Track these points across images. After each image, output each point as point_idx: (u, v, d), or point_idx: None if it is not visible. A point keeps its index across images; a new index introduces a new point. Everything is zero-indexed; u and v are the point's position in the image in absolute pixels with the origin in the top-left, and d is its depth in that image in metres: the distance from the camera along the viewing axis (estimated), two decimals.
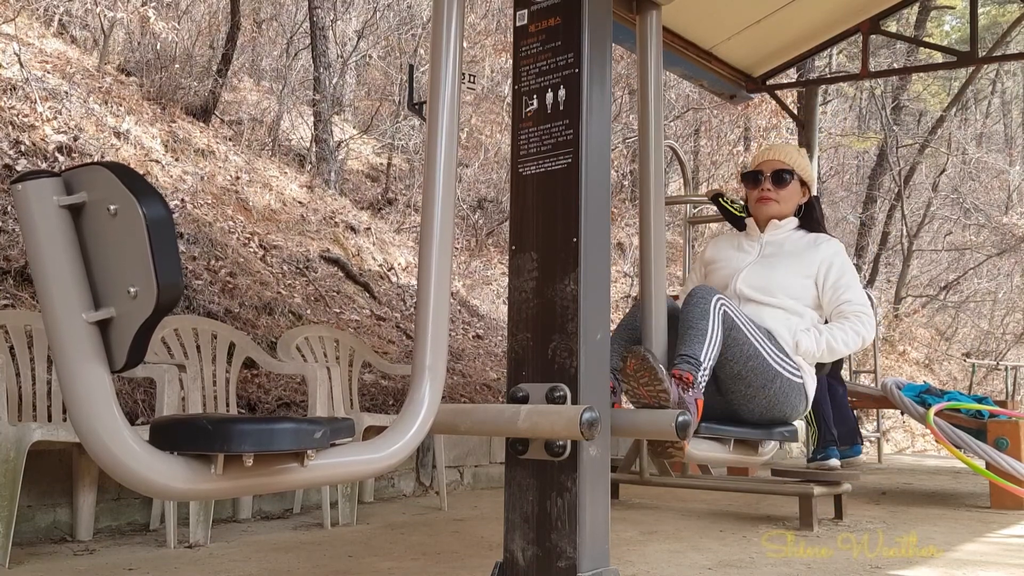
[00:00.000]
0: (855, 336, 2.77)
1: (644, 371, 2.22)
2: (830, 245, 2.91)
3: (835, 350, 2.76)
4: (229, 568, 2.65)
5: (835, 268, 2.84)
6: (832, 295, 2.83)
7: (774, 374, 2.62)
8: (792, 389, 2.66)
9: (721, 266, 2.99)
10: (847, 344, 2.76)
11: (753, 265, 2.90)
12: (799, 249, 2.92)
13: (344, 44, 11.46)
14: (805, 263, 2.86)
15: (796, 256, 2.89)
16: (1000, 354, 15.75)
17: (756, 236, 3.01)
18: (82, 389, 1.16)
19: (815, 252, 2.88)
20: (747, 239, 3.04)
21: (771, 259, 2.90)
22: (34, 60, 6.12)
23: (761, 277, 2.84)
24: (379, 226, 8.26)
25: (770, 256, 2.92)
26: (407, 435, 1.58)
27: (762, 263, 2.90)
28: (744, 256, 2.96)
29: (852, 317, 2.79)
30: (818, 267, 2.85)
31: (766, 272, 2.85)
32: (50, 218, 1.17)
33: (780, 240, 2.97)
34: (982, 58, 5.85)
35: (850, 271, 2.88)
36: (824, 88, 14.02)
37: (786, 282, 2.81)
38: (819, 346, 2.73)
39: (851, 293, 2.82)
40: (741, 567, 2.72)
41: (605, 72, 2.09)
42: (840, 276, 2.83)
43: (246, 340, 3.80)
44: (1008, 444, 4.07)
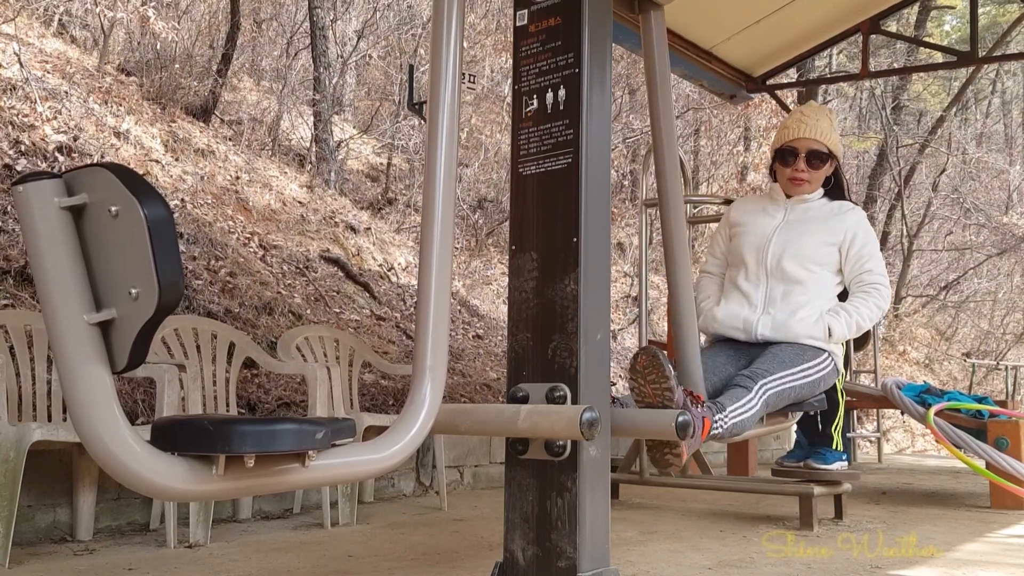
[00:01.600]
0: (876, 310, 2.92)
1: (653, 368, 2.24)
2: (854, 213, 3.02)
3: (862, 327, 2.93)
4: (229, 568, 2.65)
5: (860, 237, 2.96)
6: (855, 263, 2.95)
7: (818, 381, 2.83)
8: (829, 374, 2.88)
9: (748, 230, 3.06)
10: (871, 319, 2.93)
11: (780, 231, 2.98)
12: (824, 216, 3.01)
13: (344, 44, 11.46)
14: (831, 230, 2.97)
15: (821, 223, 2.99)
16: (1000, 354, 15.75)
17: (781, 200, 3.07)
18: (83, 390, 1.17)
19: (840, 220, 2.98)
20: (771, 203, 3.09)
21: (797, 225, 3.00)
22: (34, 60, 6.12)
23: (790, 245, 2.94)
24: (379, 226, 8.26)
25: (795, 222, 3.01)
26: (408, 435, 1.58)
27: (789, 228, 2.99)
28: (770, 220, 3.04)
29: (871, 289, 2.93)
30: (844, 235, 2.96)
31: (793, 240, 2.95)
32: (51, 220, 1.17)
33: (805, 206, 3.06)
34: (982, 58, 5.84)
35: (873, 240, 3.01)
36: (824, 88, 14.06)
37: (813, 250, 2.93)
38: (850, 330, 2.89)
39: (872, 263, 2.95)
40: (741, 567, 2.72)
41: (605, 72, 2.09)
42: (864, 245, 2.96)
43: (246, 340, 3.80)
44: (1008, 444, 4.07)
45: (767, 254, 2.94)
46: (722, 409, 2.48)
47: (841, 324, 2.86)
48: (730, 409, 2.50)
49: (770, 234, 2.98)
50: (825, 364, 2.86)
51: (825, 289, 2.95)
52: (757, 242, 2.99)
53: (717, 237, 3.25)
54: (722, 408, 2.49)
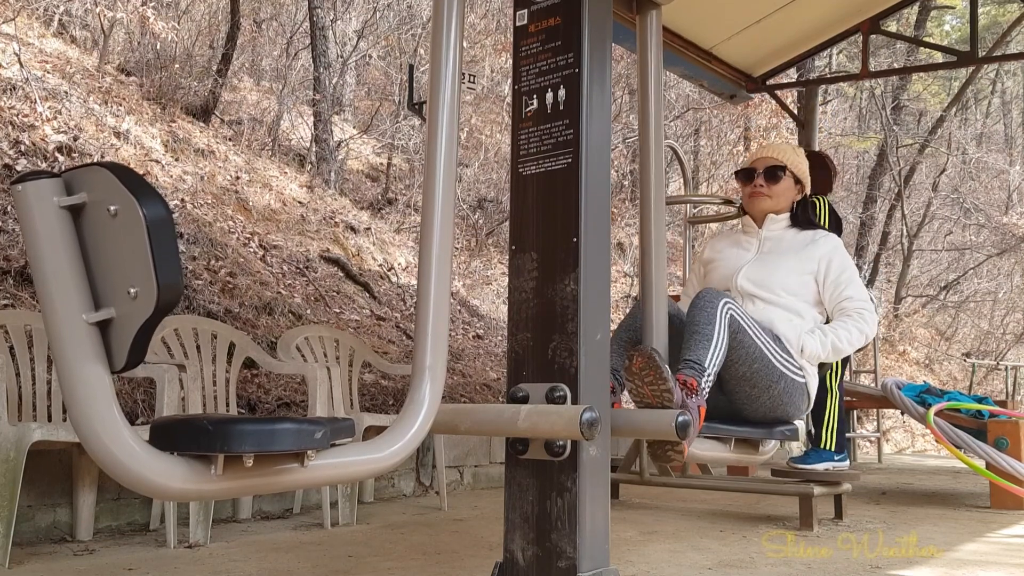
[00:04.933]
0: (858, 334, 2.80)
1: (650, 370, 2.23)
2: (828, 241, 2.94)
3: (840, 350, 2.80)
4: (229, 568, 2.65)
5: (835, 265, 2.87)
6: (833, 292, 2.86)
7: (779, 375, 2.64)
8: (795, 389, 2.70)
9: (720, 264, 3.01)
10: (851, 343, 2.80)
11: (753, 262, 2.92)
12: (797, 246, 2.94)
13: (344, 44, 11.46)
14: (804, 260, 2.89)
15: (795, 253, 2.92)
16: (1000, 354, 15.75)
17: (754, 232, 3.03)
18: (82, 390, 1.16)
19: (813, 249, 2.91)
20: (745, 236, 3.06)
21: (770, 256, 2.93)
22: (34, 60, 6.12)
23: (762, 274, 2.87)
24: (379, 226, 8.26)
25: (769, 253, 2.95)
26: (407, 435, 1.58)
27: (762, 260, 2.93)
28: (743, 253, 2.98)
29: (854, 314, 2.82)
30: (817, 264, 2.88)
31: (767, 269, 2.88)
32: (50, 219, 1.17)
33: (778, 236, 3.00)
34: (982, 58, 5.84)
35: (850, 267, 2.91)
36: (824, 88, 14.01)
37: (786, 280, 2.84)
38: (824, 348, 2.76)
39: (852, 289, 2.85)
40: (741, 567, 2.72)
41: (605, 72, 2.09)
42: (840, 272, 2.87)
43: (246, 340, 3.80)
44: (1008, 444, 4.07)
45: (737, 280, 2.87)
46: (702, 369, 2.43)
47: (815, 341, 2.74)
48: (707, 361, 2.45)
49: (742, 265, 2.92)
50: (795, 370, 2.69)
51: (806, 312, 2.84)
52: (728, 272, 2.93)
53: (691, 276, 3.22)
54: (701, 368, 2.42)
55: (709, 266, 3.07)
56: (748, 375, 2.60)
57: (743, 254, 2.98)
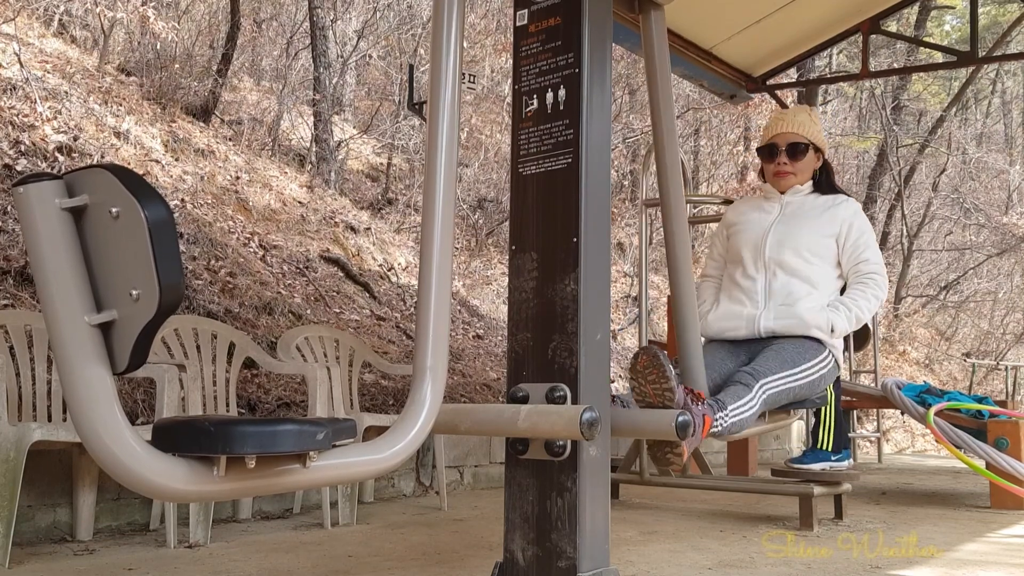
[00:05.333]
0: (875, 300, 2.97)
1: (653, 369, 2.24)
2: (849, 205, 3.07)
3: (862, 320, 2.96)
4: (229, 568, 2.65)
5: (855, 228, 3.01)
6: (852, 253, 3.00)
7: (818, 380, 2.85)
8: (830, 372, 2.91)
9: (744, 228, 3.11)
10: (870, 310, 2.97)
11: (777, 225, 3.03)
12: (819, 209, 3.06)
13: (344, 44, 11.46)
14: (826, 222, 3.02)
15: (817, 216, 3.04)
16: (1000, 354, 15.74)
17: (776, 197, 3.12)
18: (84, 391, 1.17)
19: (836, 212, 3.03)
20: (767, 200, 3.15)
21: (793, 219, 3.05)
22: (34, 60, 6.12)
23: (787, 237, 2.99)
24: (379, 226, 8.26)
25: (791, 216, 3.06)
26: (408, 436, 1.58)
27: (785, 223, 3.04)
28: (766, 216, 3.08)
29: (868, 280, 2.97)
30: (840, 226, 3.01)
31: (791, 232, 3.01)
32: (51, 221, 1.17)
33: (799, 200, 3.10)
34: (982, 58, 5.84)
35: (868, 231, 3.06)
36: (824, 88, 14.05)
37: (811, 241, 2.98)
38: (850, 323, 2.92)
39: (869, 252, 3.01)
40: (741, 567, 2.72)
41: (605, 72, 2.09)
42: (860, 235, 3.01)
43: (246, 340, 3.80)
44: (1008, 444, 4.07)
45: (764, 247, 2.98)
46: (723, 407, 2.49)
47: (842, 319, 2.89)
48: (731, 408, 2.51)
49: (767, 228, 3.03)
50: (826, 362, 2.88)
51: (825, 280, 2.99)
52: (754, 238, 3.03)
53: (715, 240, 3.28)
54: (723, 406, 2.50)
55: (732, 229, 3.16)
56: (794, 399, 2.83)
57: (765, 217, 3.08)
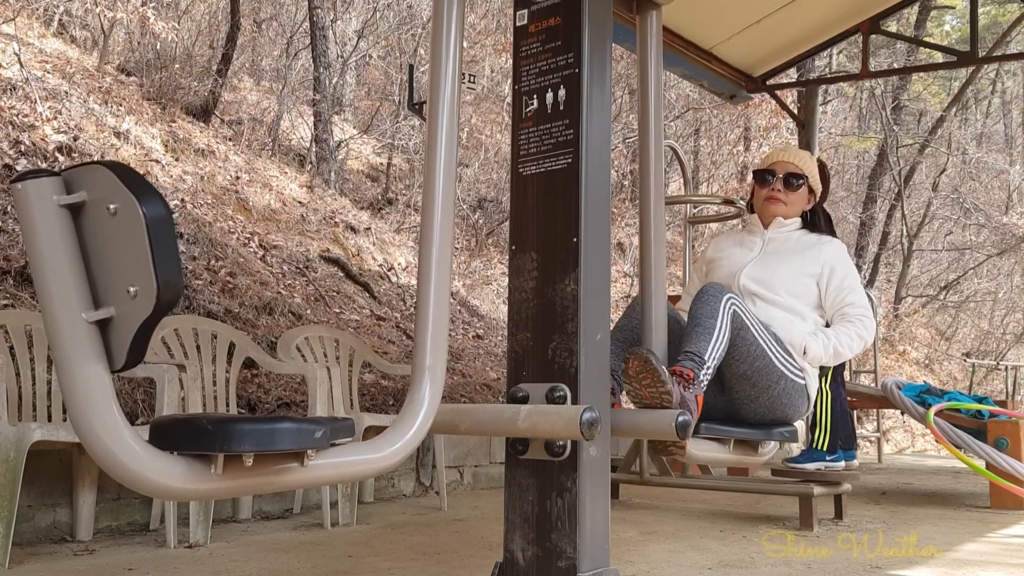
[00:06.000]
0: (858, 340, 2.82)
1: (646, 373, 2.22)
2: (832, 246, 2.94)
3: (841, 355, 2.81)
4: (229, 568, 2.65)
5: (839, 271, 2.88)
6: (836, 297, 2.87)
7: (779, 375, 2.64)
8: (795, 390, 2.69)
9: (723, 263, 3.00)
10: (851, 349, 2.81)
11: (756, 261, 2.92)
12: (802, 248, 2.95)
13: (344, 44, 11.46)
14: (808, 262, 2.89)
15: (799, 254, 2.92)
16: (1000, 354, 15.75)
17: (759, 232, 3.03)
18: (82, 389, 1.16)
19: (818, 252, 2.91)
20: (749, 235, 3.06)
21: (774, 256, 2.93)
22: (34, 60, 6.12)
23: (764, 273, 2.87)
24: (379, 226, 8.26)
25: (773, 253, 2.94)
26: (407, 435, 1.58)
27: (765, 259, 2.93)
28: (747, 252, 2.98)
29: (855, 320, 2.84)
30: (821, 268, 2.88)
31: (769, 268, 2.88)
32: (50, 217, 1.17)
33: (783, 237, 3.00)
34: (982, 58, 5.84)
35: (852, 273, 2.92)
36: (824, 88, 14.00)
37: (789, 280, 2.85)
38: (826, 352, 2.77)
39: (854, 295, 2.87)
40: (741, 567, 2.72)
41: (605, 72, 2.09)
42: (844, 279, 2.87)
43: (246, 340, 3.80)
44: (1008, 444, 4.07)
45: (739, 279, 2.86)
46: (701, 361, 2.42)
47: (818, 345, 2.74)
48: (707, 355, 2.44)
49: (745, 263, 2.91)
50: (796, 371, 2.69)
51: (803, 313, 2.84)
52: (730, 271, 2.92)
53: (694, 275, 3.20)
54: (701, 360, 2.42)
55: (711, 264, 3.06)
56: (749, 373, 2.60)
57: (746, 253, 2.98)
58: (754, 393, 2.63)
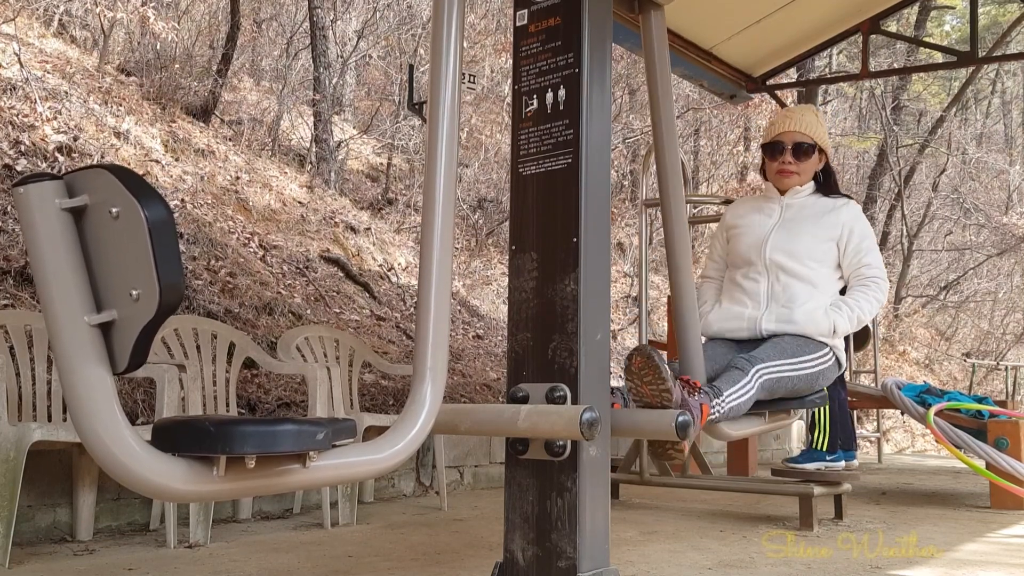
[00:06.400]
0: (876, 303, 2.95)
1: (648, 370, 2.23)
2: (849, 208, 3.04)
3: (863, 321, 2.94)
4: (229, 568, 2.65)
5: (856, 232, 2.98)
6: (853, 258, 2.98)
7: (817, 374, 2.82)
8: (829, 369, 2.87)
9: (744, 231, 3.07)
10: (870, 312, 2.94)
11: (778, 230, 3.00)
12: (819, 212, 3.02)
13: (344, 44, 11.46)
14: (827, 226, 2.98)
15: (817, 220, 3.00)
16: (1000, 354, 15.75)
17: (776, 198, 3.09)
18: (84, 391, 1.17)
19: (836, 215, 3.00)
20: (767, 201, 3.12)
21: (793, 223, 3.01)
22: (34, 60, 6.12)
23: (789, 242, 2.96)
24: (379, 226, 8.26)
25: (791, 220, 3.02)
26: (408, 436, 1.58)
27: (785, 227, 3.01)
28: (766, 219, 3.05)
29: (870, 283, 2.95)
30: (840, 230, 2.98)
31: (791, 237, 2.97)
32: (52, 221, 1.17)
33: (800, 203, 3.06)
34: (982, 58, 5.84)
35: (869, 235, 3.03)
36: (824, 88, 14.05)
37: (812, 247, 2.95)
38: (851, 323, 2.90)
39: (870, 256, 2.98)
40: (741, 567, 2.72)
41: (605, 72, 2.09)
42: (861, 240, 2.98)
43: (246, 340, 3.80)
44: (1008, 444, 4.07)
45: (765, 252, 2.96)
46: (719, 394, 2.47)
47: (843, 319, 2.88)
48: (727, 393, 2.49)
49: (767, 233, 3.00)
50: (826, 358, 2.86)
51: (826, 282, 2.96)
52: (755, 241, 3.01)
53: (715, 241, 3.26)
54: (719, 392, 2.47)
55: (732, 232, 3.13)
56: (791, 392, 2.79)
57: (766, 220, 3.04)
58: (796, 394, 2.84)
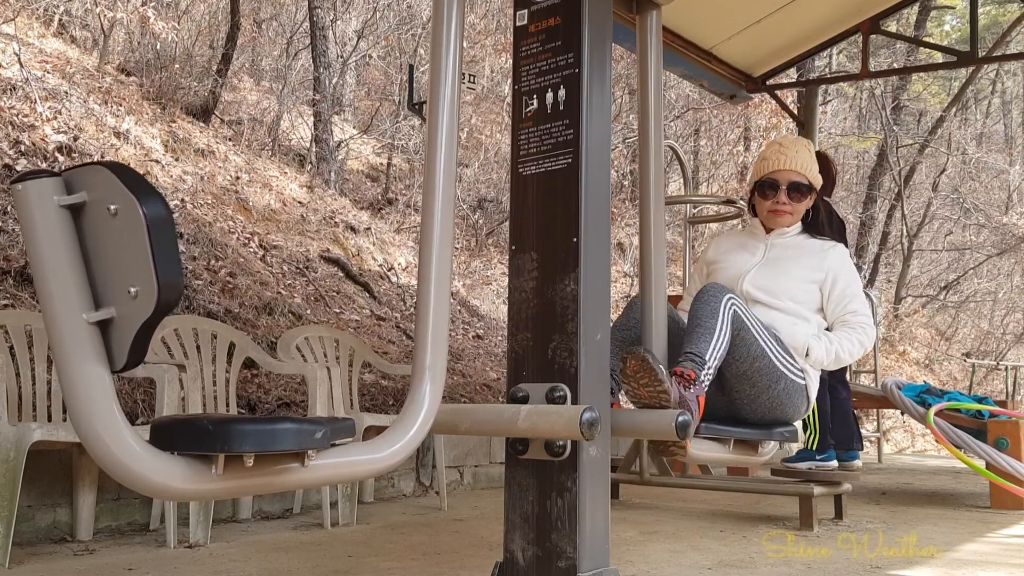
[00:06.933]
0: (859, 347, 2.83)
1: (644, 372, 2.22)
2: (836, 252, 2.93)
3: (841, 360, 2.82)
4: (229, 568, 2.65)
5: (842, 278, 2.88)
6: (838, 304, 2.87)
7: (779, 375, 2.64)
8: (795, 390, 2.69)
9: (725, 266, 2.98)
10: (852, 354, 2.83)
11: (760, 267, 2.90)
12: (805, 254, 2.92)
13: (344, 44, 11.46)
14: (811, 269, 2.88)
15: (802, 261, 2.90)
16: (1000, 354, 15.75)
17: (761, 236, 3.00)
18: (82, 389, 1.16)
19: (821, 259, 2.89)
20: (751, 238, 3.02)
21: (777, 262, 2.91)
22: (34, 60, 6.12)
23: (768, 279, 2.85)
24: (379, 226, 8.26)
25: (776, 259, 2.92)
26: (407, 435, 1.58)
27: (768, 265, 2.90)
28: (749, 257, 2.95)
29: (856, 326, 2.84)
30: (825, 275, 2.87)
31: (772, 274, 2.87)
32: (50, 218, 1.17)
33: (785, 243, 2.97)
34: (982, 58, 5.84)
35: (855, 280, 2.92)
36: (824, 88, 14.00)
37: (792, 286, 2.84)
38: (828, 356, 2.78)
39: (856, 303, 2.87)
40: (741, 567, 2.72)
41: (605, 72, 2.09)
42: (847, 286, 2.87)
43: (246, 340, 3.80)
44: (1008, 444, 4.07)
45: (742, 284, 2.85)
46: (702, 361, 2.42)
47: (821, 347, 2.76)
48: (708, 354, 2.44)
49: (748, 268, 2.89)
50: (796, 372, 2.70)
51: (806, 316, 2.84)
52: (733, 275, 2.89)
53: (695, 276, 3.17)
54: (701, 360, 2.42)
55: (713, 267, 3.04)
56: (749, 373, 2.60)
57: (748, 258, 2.95)
58: (754, 393, 2.63)
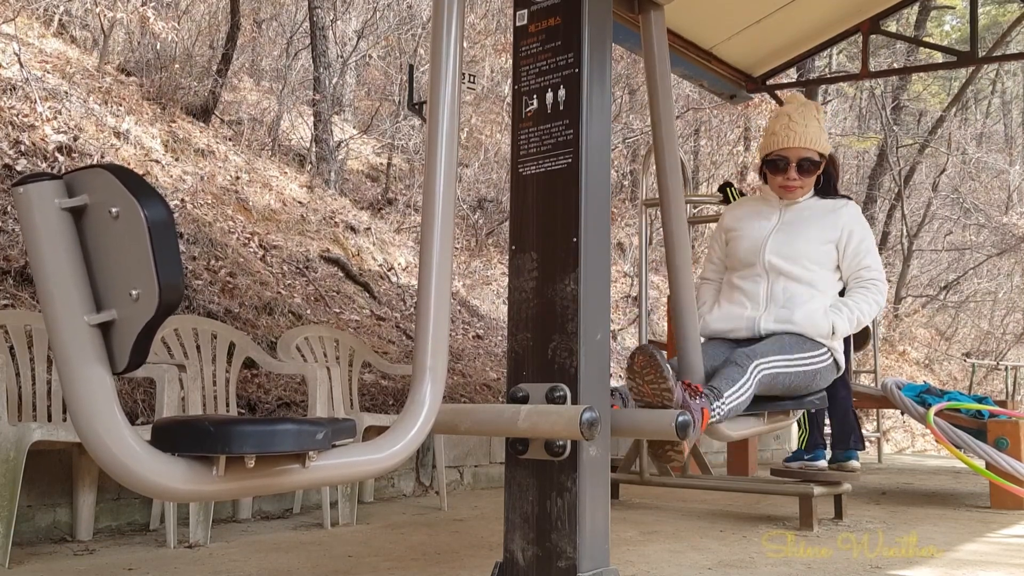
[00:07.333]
0: (876, 305, 2.95)
1: (650, 369, 2.24)
2: (848, 209, 3.03)
3: (862, 323, 2.94)
4: (229, 568, 2.65)
5: (856, 234, 2.98)
6: (852, 260, 2.97)
7: (814, 373, 2.81)
8: (826, 369, 2.86)
9: (742, 234, 3.06)
10: (870, 314, 2.94)
11: (776, 233, 2.98)
12: (819, 215, 3.01)
13: (344, 44, 11.46)
14: (826, 228, 2.97)
15: (816, 222, 2.99)
16: (1000, 354, 15.75)
17: (775, 202, 3.08)
18: (84, 391, 1.17)
19: (835, 217, 2.99)
20: (766, 205, 3.10)
21: (792, 226, 3.00)
22: (34, 60, 6.12)
23: (785, 244, 2.95)
24: (379, 226, 8.26)
25: (791, 223, 3.01)
26: (408, 435, 1.58)
27: (784, 230, 2.99)
28: (764, 223, 3.04)
29: (869, 285, 2.95)
30: (840, 232, 2.97)
31: (789, 239, 2.96)
32: (51, 221, 1.17)
33: (799, 206, 3.05)
34: (982, 58, 5.84)
35: (868, 236, 3.02)
36: (824, 88, 14.04)
37: (810, 249, 2.94)
38: (851, 325, 2.90)
39: (869, 258, 2.98)
40: (741, 567, 2.72)
41: (605, 72, 2.09)
42: (860, 242, 2.98)
43: (246, 340, 3.80)
44: (1008, 444, 4.07)
45: (764, 255, 2.94)
46: (719, 395, 2.46)
47: (843, 320, 2.87)
48: (726, 394, 2.48)
49: (766, 236, 2.98)
50: (824, 358, 2.85)
51: (826, 285, 2.95)
52: (753, 245, 2.98)
53: (714, 243, 3.24)
54: (719, 394, 2.46)
55: (731, 234, 3.11)
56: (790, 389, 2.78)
57: (764, 224, 3.02)
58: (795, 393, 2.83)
